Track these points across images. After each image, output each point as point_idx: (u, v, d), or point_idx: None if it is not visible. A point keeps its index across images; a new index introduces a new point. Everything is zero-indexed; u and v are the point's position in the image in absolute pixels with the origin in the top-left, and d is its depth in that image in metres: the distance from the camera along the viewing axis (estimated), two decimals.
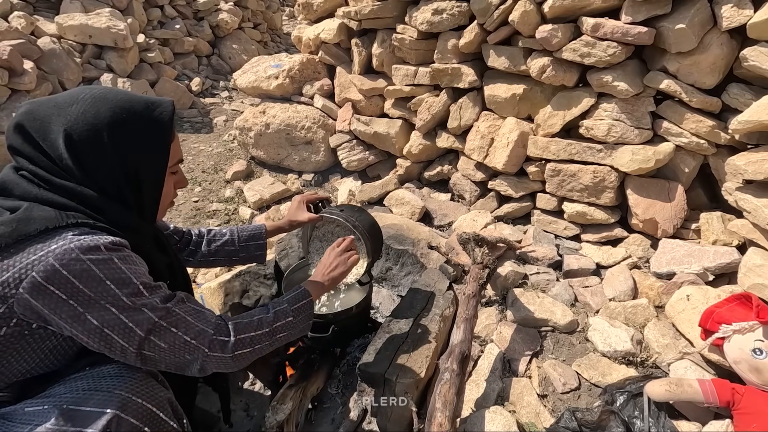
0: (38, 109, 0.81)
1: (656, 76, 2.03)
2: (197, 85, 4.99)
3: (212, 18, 5.72)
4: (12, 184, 0.79)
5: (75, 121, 0.79)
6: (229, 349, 0.87)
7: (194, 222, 2.86)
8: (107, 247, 0.76)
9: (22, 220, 0.73)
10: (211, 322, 0.88)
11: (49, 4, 4.18)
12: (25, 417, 0.74)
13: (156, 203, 0.93)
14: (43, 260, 0.70)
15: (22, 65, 3.21)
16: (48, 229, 0.74)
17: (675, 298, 1.72)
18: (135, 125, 0.84)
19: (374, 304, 1.90)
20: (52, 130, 0.79)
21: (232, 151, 3.74)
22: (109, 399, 0.75)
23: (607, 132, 2.16)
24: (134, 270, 0.79)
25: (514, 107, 2.45)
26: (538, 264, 2.15)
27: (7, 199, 0.78)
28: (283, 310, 1.00)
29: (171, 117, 0.89)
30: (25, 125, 0.79)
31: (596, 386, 1.55)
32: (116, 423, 0.74)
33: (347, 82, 3.14)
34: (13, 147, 0.81)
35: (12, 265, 0.71)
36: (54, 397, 0.76)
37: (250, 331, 0.91)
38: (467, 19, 2.47)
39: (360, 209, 1.45)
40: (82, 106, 0.81)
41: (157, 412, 0.81)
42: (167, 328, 0.81)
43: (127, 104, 0.84)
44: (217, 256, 1.36)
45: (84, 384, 0.78)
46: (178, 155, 0.95)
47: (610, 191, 2.23)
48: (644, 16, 1.92)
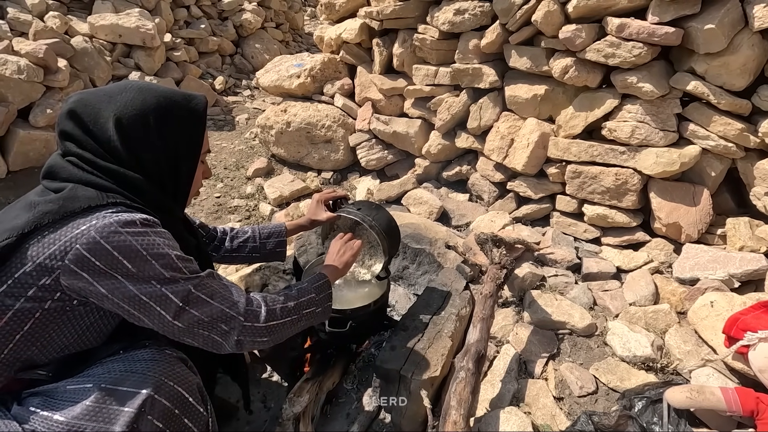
0: (89, 97, 0.88)
1: (683, 78, 1.98)
2: (220, 84, 5.09)
3: (236, 18, 5.82)
4: (58, 168, 0.85)
5: (124, 107, 0.86)
6: (262, 318, 0.91)
7: (216, 217, 2.92)
8: (142, 222, 0.81)
9: (68, 199, 0.79)
10: (243, 294, 0.92)
11: (82, 4, 4.33)
12: (67, 394, 0.79)
13: (188, 188, 0.99)
14: (85, 234, 0.76)
15: (57, 63, 3.33)
16: (90, 207, 0.79)
17: (698, 305, 1.69)
18: (176, 112, 0.92)
19: (390, 302, 1.92)
20: (102, 115, 0.86)
21: (254, 148, 3.81)
22: (144, 381, 0.80)
23: (630, 134, 2.12)
24: (168, 244, 0.84)
25: (535, 108, 2.43)
26: (556, 266, 2.13)
27: (53, 182, 0.84)
28: (305, 288, 1.05)
29: (205, 108, 0.98)
30: (77, 111, 0.86)
31: (614, 391, 1.53)
32: (150, 403, 0.79)
33: (368, 82, 3.17)
34: (64, 132, 0.87)
35: (58, 239, 0.76)
36: (93, 377, 0.81)
37: (278, 304, 0.96)
38: (489, 19, 2.46)
39: (377, 206, 1.46)
40: (130, 95, 0.88)
41: (186, 396, 0.86)
42: (203, 298, 0.85)
43: (169, 94, 0.92)
44: (239, 252, 1.40)
45: (120, 366, 0.83)
46: (207, 145, 1.03)
47: (633, 194, 2.19)
48: (672, 16, 1.89)
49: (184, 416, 0.85)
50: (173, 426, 0.83)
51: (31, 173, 3.15)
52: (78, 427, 0.76)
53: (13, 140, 3.09)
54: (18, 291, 0.77)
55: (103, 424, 0.77)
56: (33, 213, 0.78)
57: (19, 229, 0.76)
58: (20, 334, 0.79)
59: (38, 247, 0.76)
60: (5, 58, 3.04)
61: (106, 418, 0.77)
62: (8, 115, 3.02)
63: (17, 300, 0.77)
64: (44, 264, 0.76)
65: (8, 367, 0.81)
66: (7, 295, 0.76)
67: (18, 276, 0.76)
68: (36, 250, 0.76)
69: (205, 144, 1.00)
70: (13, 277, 0.76)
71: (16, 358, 0.81)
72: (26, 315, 0.78)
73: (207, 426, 0.92)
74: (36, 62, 3.18)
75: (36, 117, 3.17)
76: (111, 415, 0.77)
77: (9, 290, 0.76)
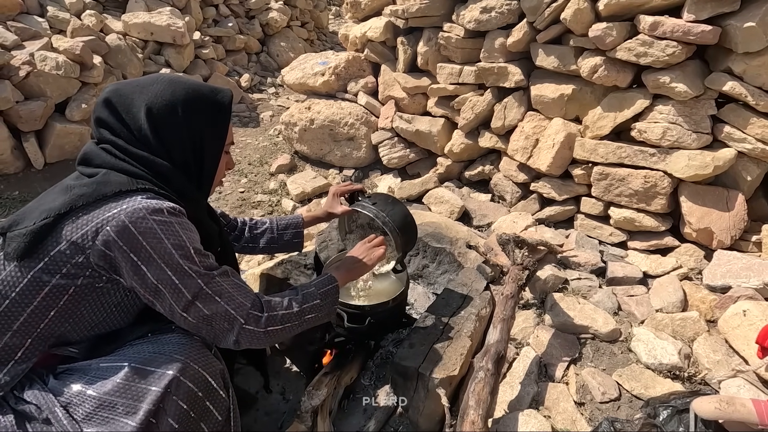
0: (123, 87, 0.93)
1: (719, 78, 1.91)
2: (246, 81, 5.18)
3: (262, 16, 5.91)
4: (93, 154, 0.90)
5: (155, 98, 0.91)
6: (262, 323, 0.93)
7: (240, 211, 2.98)
8: (168, 211, 0.85)
9: (101, 183, 0.84)
10: (250, 297, 0.94)
11: (117, 3, 4.47)
12: (100, 371, 0.84)
13: (212, 177, 1.03)
14: (116, 217, 0.81)
15: (92, 60, 3.46)
16: (121, 192, 0.84)
17: (730, 313, 1.63)
18: (203, 104, 0.95)
19: (409, 301, 1.91)
20: (134, 104, 0.90)
21: (277, 145, 3.86)
22: (170, 362, 0.84)
23: (661, 135, 2.06)
24: (189, 236, 0.87)
25: (561, 108, 2.39)
26: (579, 269, 2.09)
27: (87, 167, 0.90)
28: (311, 293, 1.05)
29: (230, 101, 1.01)
30: (112, 100, 0.91)
31: (638, 398, 1.49)
32: (176, 384, 0.83)
33: (391, 80, 3.17)
34: (99, 119, 0.92)
35: (91, 221, 0.81)
36: (124, 356, 0.86)
37: (281, 310, 0.97)
38: (516, 17, 2.42)
39: (393, 200, 1.44)
40: (161, 86, 0.92)
41: (210, 380, 0.89)
42: (212, 295, 0.88)
43: (197, 87, 0.96)
44: (256, 242, 1.44)
45: (150, 348, 0.87)
46: (231, 138, 1.06)
47: (662, 197, 2.13)
48: (709, 14, 1.82)
49: (207, 399, 0.89)
50: (196, 408, 0.87)
51: (66, 165, 3.28)
52: (109, 402, 0.81)
53: (51, 133, 3.23)
54: (54, 268, 0.82)
55: (132, 400, 0.81)
56: (69, 195, 0.83)
57: (56, 210, 0.81)
58: (55, 310, 0.84)
59: (72, 227, 0.81)
60: (45, 55, 3.17)
61: (135, 395, 0.82)
62: (47, 109, 3.15)
63: (53, 276, 0.82)
64: (77, 243, 0.81)
65: (43, 342, 0.86)
66: (44, 271, 0.81)
67: (53, 254, 0.81)
68: (70, 229, 0.81)
69: (229, 136, 1.03)
70: (49, 255, 0.81)
71: (51, 333, 0.86)
72: (61, 291, 0.83)
73: (228, 411, 0.95)
74: (73, 59, 3.30)
75: (72, 111, 3.30)
76: (139, 393, 0.82)
77: (46, 267, 0.81)
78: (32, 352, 0.85)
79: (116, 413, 0.81)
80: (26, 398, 0.82)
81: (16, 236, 0.81)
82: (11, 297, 0.81)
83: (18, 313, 0.82)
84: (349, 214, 1.49)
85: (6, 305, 0.82)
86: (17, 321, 0.82)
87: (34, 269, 0.81)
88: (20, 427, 0.80)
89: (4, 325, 0.82)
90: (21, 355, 0.84)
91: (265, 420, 1.45)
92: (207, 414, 0.89)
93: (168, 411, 0.83)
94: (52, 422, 0.80)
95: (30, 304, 0.82)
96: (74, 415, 0.81)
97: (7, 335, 0.82)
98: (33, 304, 0.82)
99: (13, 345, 0.83)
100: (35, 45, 3.26)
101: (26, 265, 0.81)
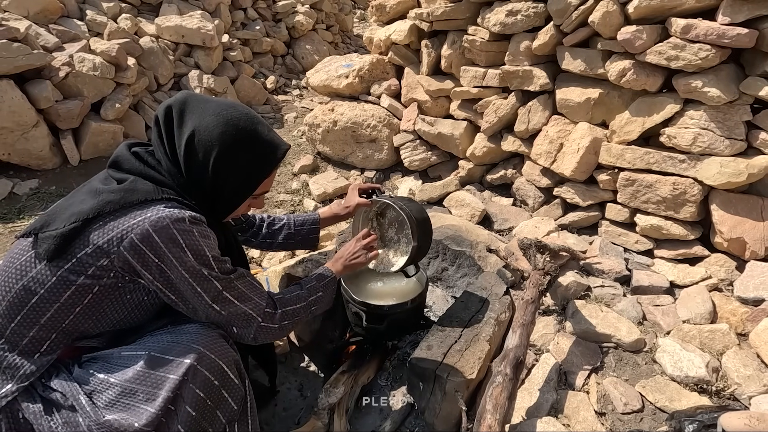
0: (190, 100, 0.96)
1: (755, 83, 1.84)
2: (272, 83, 5.27)
3: (289, 20, 6.01)
4: (123, 158, 0.95)
5: (204, 128, 0.93)
6: (276, 320, 1.02)
7: (262, 210, 3.04)
8: (190, 220, 0.89)
9: (128, 191, 0.88)
10: (264, 296, 1.01)
11: (151, 7, 4.64)
12: (122, 360, 0.89)
13: (226, 214, 1.06)
14: (140, 224, 0.85)
15: (126, 61, 3.60)
16: (147, 200, 0.88)
17: (762, 327, 1.56)
18: (243, 158, 0.96)
19: (428, 303, 1.91)
20: (187, 123, 0.93)
21: (300, 146, 3.92)
22: (187, 351, 0.88)
23: (692, 141, 2.00)
24: (208, 244, 0.92)
25: (587, 112, 2.35)
26: (603, 277, 2.04)
27: (117, 172, 0.94)
28: (313, 286, 1.14)
29: (277, 162, 1.02)
30: (174, 109, 0.94)
31: (662, 411, 1.45)
32: (193, 372, 0.87)
33: (414, 83, 3.17)
34: (157, 119, 0.96)
35: (117, 227, 0.85)
36: (144, 345, 0.91)
37: (291, 305, 1.06)
38: (542, 20, 2.40)
39: (410, 199, 1.48)
40: (217, 120, 0.93)
41: (226, 369, 0.92)
42: (230, 299, 0.94)
43: (252, 137, 0.96)
44: (274, 239, 1.48)
45: (168, 337, 0.92)
46: (265, 188, 1.06)
47: (692, 205, 2.06)
48: (745, 17, 1.76)
49: (223, 388, 0.92)
50: (212, 396, 0.90)
51: (99, 162, 3.41)
52: (130, 389, 0.86)
53: (86, 131, 3.37)
54: (80, 269, 0.86)
55: (151, 387, 0.86)
56: (97, 200, 0.87)
57: (85, 214, 0.86)
58: (80, 307, 0.89)
59: (99, 233, 0.85)
60: (83, 56, 3.32)
61: (154, 383, 0.86)
62: (83, 108, 3.29)
63: (79, 276, 0.86)
64: (103, 247, 0.85)
65: (67, 336, 0.91)
66: (71, 272, 0.86)
67: (80, 256, 0.86)
68: (97, 234, 0.85)
69: (264, 185, 1.04)
70: (76, 257, 0.86)
71: (75, 328, 0.91)
72: (86, 290, 0.88)
73: (244, 401, 0.98)
74: (109, 60, 3.44)
75: (106, 110, 3.43)
76: (158, 380, 0.86)
77: (73, 267, 0.86)
78: (57, 345, 0.91)
79: (137, 400, 0.85)
80: (53, 386, 0.88)
81: (47, 238, 0.85)
82: (40, 294, 0.86)
83: (46, 309, 0.87)
84: (365, 215, 1.51)
85: (35, 301, 0.87)
86: (45, 316, 0.87)
87: (62, 269, 0.86)
88: (48, 414, 0.85)
89: (33, 319, 0.87)
90: (46, 347, 0.89)
91: (283, 415, 1.48)
92: (223, 402, 0.93)
93: (186, 398, 0.87)
94: (77, 409, 0.85)
95: (57, 301, 0.87)
96: (97, 402, 0.86)
97: (35, 329, 0.88)
98: (60, 301, 0.87)
99: (39, 338, 0.88)
100: (74, 47, 3.41)
101: (55, 264, 0.86)
